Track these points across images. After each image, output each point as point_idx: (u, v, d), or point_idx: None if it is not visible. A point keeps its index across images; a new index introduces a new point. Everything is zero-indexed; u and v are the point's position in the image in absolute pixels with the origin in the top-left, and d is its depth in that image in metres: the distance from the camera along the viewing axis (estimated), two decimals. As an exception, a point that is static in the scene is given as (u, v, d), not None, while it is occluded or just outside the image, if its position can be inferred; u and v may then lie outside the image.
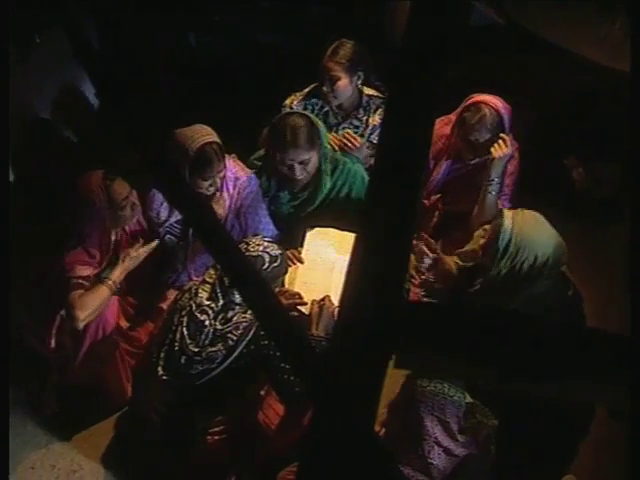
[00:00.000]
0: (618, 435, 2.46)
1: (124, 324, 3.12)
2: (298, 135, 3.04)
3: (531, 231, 2.66)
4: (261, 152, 3.37)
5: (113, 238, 3.02)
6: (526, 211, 2.75)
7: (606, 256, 3.43)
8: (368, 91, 3.56)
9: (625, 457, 1.08)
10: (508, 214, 2.71)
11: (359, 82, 3.48)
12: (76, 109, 3.89)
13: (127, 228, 3.10)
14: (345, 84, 3.40)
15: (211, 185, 3.06)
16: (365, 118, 3.48)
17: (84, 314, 2.80)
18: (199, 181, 3.02)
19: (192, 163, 2.95)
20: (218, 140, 3.02)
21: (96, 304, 2.83)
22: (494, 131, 3.16)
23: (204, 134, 3.00)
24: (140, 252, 3.00)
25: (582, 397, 1.07)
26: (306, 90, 3.53)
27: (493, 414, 2.55)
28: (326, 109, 3.52)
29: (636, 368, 0.94)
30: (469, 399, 2.60)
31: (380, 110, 3.49)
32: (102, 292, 2.86)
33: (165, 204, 3.15)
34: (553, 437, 2.75)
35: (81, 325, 2.82)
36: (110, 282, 2.89)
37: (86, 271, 2.89)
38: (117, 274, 2.93)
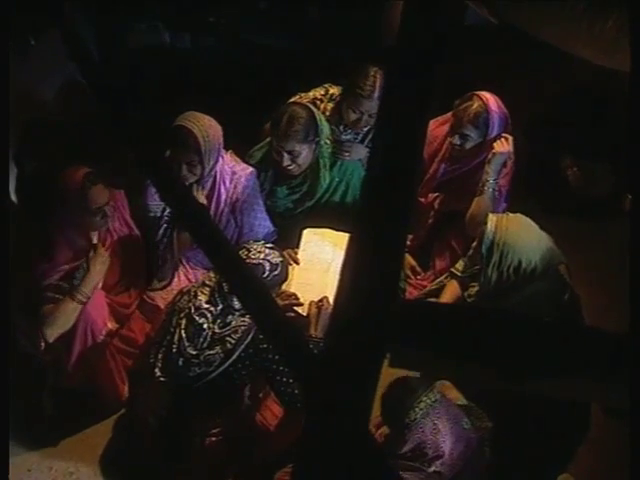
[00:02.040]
0: (615, 434, 2.47)
1: (113, 325, 3.09)
2: (293, 125, 3.06)
3: (514, 236, 2.63)
4: (263, 142, 3.37)
5: (94, 240, 2.99)
6: (511, 215, 2.73)
7: (603, 255, 3.43)
8: None
9: (624, 456, 1.08)
10: (492, 219, 2.69)
11: None
12: (75, 108, 3.88)
13: (112, 229, 3.07)
14: None
15: (189, 171, 3.05)
16: (366, 130, 3.47)
17: (50, 331, 2.81)
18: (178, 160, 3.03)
19: (171, 138, 2.99)
20: (199, 134, 2.99)
21: (63, 320, 2.82)
22: (478, 125, 3.15)
23: (192, 120, 3.01)
24: (97, 261, 2.92)
25: (581, 396, 1.07)
26: (310, 94, 3.52)
27: (487, 416, 2.55)
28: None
29: (635, 366, 0.94)
30: (463, 401, 2.60)
31: None
32: (68, 307, 2.83)
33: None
34: (549, 436, 2.75)
35: (50, 340, 2.83)
36: (79, 296, 2.85)
37: (55, 278, 2.86)
38: (86, 287, 2.87)
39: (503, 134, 3.18)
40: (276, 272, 2.71)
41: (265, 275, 2.67)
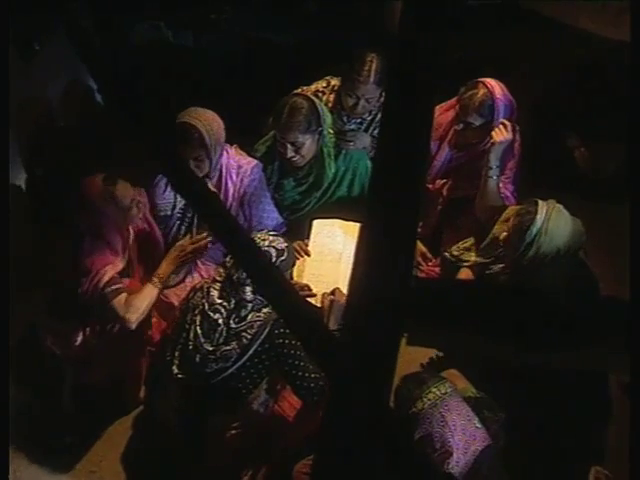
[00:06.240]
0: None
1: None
2: (294, 115, 3.07)
3: (557, 225, 2.66)
4: (268, 135, 3.38)
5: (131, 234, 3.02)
6: (557, 205, 2.74)
7: (611, 235, 3.41)
8: None
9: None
10: (542, 207, 2.70)
11: None
12: (82, 108, 3.90)
13: (134, 227, 3.08)
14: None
15: (196, 167, 3.07)
16: (370, 118, 3.48)
17: (135, 316, 2.83)
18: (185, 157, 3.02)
19: (176, 135, 2.99)
20: (203, 129, 3.00)
21: (145, 304, 2.86)
22: (484, 113, 3.14)
23: (194, 116, 3.02)
24: (185, 243, 3.02)
25: (597, 365, 1.08)
26: (312, 87, 3.52)
27: (500, 407, 2.54)
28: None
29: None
30: (475, 393, 2.59)
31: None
32: (149, 292, 2.88)
33: (169, 190, 3.17)
34: (564, 419, 2.76)
35: (133, 326, 2.84)
36: (155, 280, 2.90)
37: (115, 269, 2.87)
38: (162, 269, 2.94)
39: (501, 120, 3.15)
40: (283, 257, 2.71)
41: (273, 261, 2.68)
